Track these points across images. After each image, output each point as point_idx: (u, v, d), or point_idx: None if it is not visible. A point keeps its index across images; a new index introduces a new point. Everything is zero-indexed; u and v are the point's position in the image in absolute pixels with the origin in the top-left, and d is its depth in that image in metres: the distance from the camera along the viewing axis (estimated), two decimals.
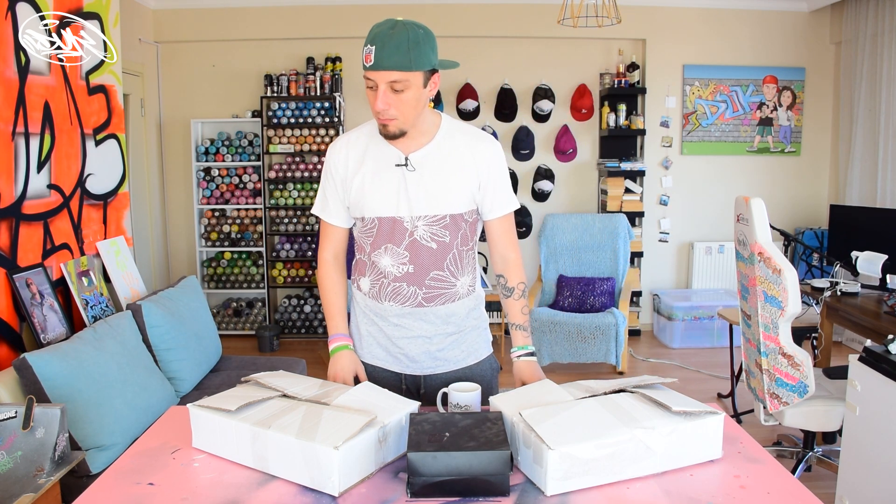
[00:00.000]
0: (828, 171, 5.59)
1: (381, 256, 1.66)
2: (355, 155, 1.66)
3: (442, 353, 1.73)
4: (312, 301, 5.43)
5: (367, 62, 1.49)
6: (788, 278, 2.49)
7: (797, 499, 1.23)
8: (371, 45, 1.48)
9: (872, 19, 4.85)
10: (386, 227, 1.63)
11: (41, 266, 2.68)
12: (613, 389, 1.46)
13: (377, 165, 1.63)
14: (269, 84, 5.19)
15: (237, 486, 1.28)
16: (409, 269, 1.64)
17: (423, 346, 1.71)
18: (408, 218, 1.62)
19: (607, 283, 4.84)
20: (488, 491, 1.23)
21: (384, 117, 1.54)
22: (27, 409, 1.80)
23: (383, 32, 1.48)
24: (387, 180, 1.62)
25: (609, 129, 5.28)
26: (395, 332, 1.71)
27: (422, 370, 1.74)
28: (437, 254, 1.65)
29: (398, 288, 1.66)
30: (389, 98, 1.51)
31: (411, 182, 1.62)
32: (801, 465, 2.92)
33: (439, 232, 1.64)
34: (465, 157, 1.65)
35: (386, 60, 1.47)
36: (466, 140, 1.67)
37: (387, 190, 1.62)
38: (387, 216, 1.63)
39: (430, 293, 1.67)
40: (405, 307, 1.67)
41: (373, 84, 1.51)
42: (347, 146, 1.68)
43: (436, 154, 1.64)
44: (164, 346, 2.86)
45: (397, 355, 1.73)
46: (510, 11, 5.26)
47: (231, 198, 5.34)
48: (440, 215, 1.63)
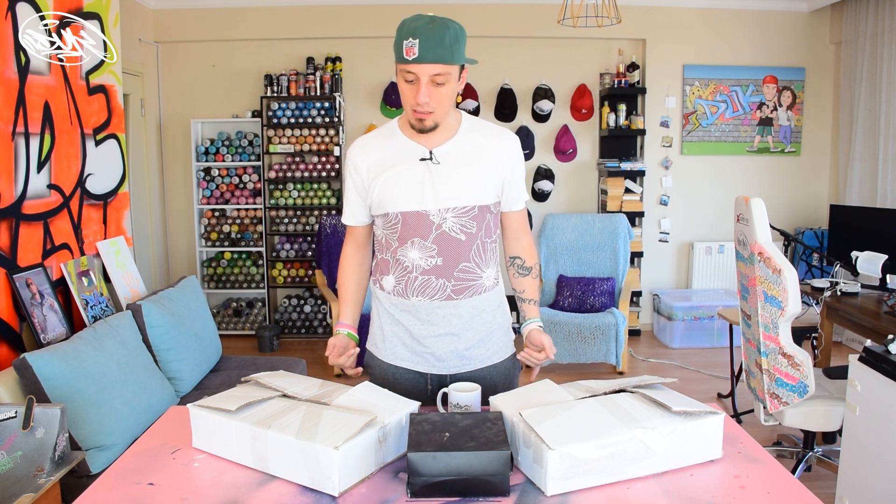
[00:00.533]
0: (828, 171, 5.59)
1: (408, 251, 1.66)
2: (376, 155, 1.68)
3: (469, 351, 1.73)
4: (312, 301, 5.43)
5: (410, 55, 1.49)
6: (788, 278, 2.49)
7: (797, 499, 1.23)
8: (413, 38, 1.48)
9: (872, 19, 4.85)
10: (411, 222, 1.64)
11: (41, 266, 2.68)
12: (613, 389, 1.46)
13: (399, 162, 1.65)
14: (269, 84, 5.19)
15: (237, 486, 1.28)
16: (438, 262, 1.65)
17: (451, 344, 1.71)
18: (434, 211, 1.63)
19: (607, 283, 4.84)
20: (488, 491, 1.23)
21: (424, 110, 1.56)
22: (27, 409, 1.80)
23: (423, 26, 1.48)
24: (411, 175, 1.64)
25: (609, 129, 5.28)
26: (422, 330, 1.70)
27: (448, 369, 1.73)
28: (465, 245, 1.66)
29: (427, 281, 1.66)
30: (431, 91, 1.53)
31: (437, 175, 1.63)
32: (801, 465, 2.92)
33: (468, 223, 1.65)
34: (489, 151, 1.68)
35: (430, 53, 1.48)
36: (488, 135, 1.70)
37: (411, 185, 1.63)
38: (411, 210, 1.64)
39: (458, 285, 1.67)
40: (434, 301, 1.67)
41: (412, 77, 1.52)
42: (366, 147, 1.70)
43: (459, 148, 1.66)
44: (164, 346, 2.86)
45: (423, 354, 1.73)
46: (510, 11, 5.26)
47: (231, 198, 5.34)
48: (469, 206, 1.65)
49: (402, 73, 1.53)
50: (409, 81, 1.54)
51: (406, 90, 1.56)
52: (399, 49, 1.51)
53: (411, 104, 1.56)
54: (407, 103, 1.57)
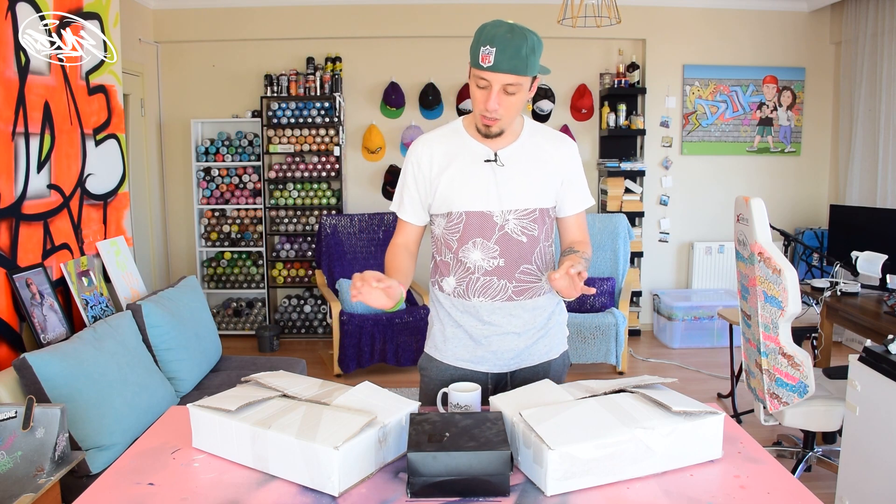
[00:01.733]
0: (828, 171, 5.59)
1: (469, 251, 1.67)
2: (441, 152, 1.69)
3: (528, 349, 1.74)
4: (312, 301, 5.43)
5: (485, 63, 1.50)
6: (788, 278, 2.49)
7: (797, 499, 1.23)
8: (490, 46, 1.49)
9: (872, 19, 4.85)
10: (474, 222, 1.65)
11: (41, 266, 2.68)
12: (613, 389, 1.46)
13: (465, 161, 1.66)
14: (269, 84, 5.19)
15: (237, 486, 1.28)
16: (500, 263, 1.66)
17: (511, 343, 1.72)
18: (498, 212, 1.65)
19: (607, 283, 4.84)
20: (488, 491, 1.23)
21: (492, 117, 1.58)
22: (27, 409, 1.80)
23: (502, 35, 1.49)
24: (476, 175, 1.65)
25: (609, 129, 5.28)
26: (484, 330, 1.71)
27: (507, 367, 1.75)
28: (526, 247, 1.67)
29: (488, 282, 1.68)
30: (501, 99, 1.55)
31: (501, 177, 1.65)
32: (801, 465, 2.92)
33: (529, 226, 1.67)
34: (550, 155, 1.70)
35: (506, 64, 1.50)
36: (549, 139, 1.73)
37: (476, 185, 1.65)
38: (476, 210, 1.65)
39: (519, 286, 1.69)
40: (496, 302, 1.68)
41: (485, 84, 1.54)
42: (431, 144, 1.71)
43: (522, 151, 1.68)
44: (164, 346, 2.86)
45: (484, 355, 1.73)
46: (510, 11, 5.26)
47: (231, 198, 5.34)
48: (530, 209, 1.67)
49: (475, 77, 1.55)
50: (481, 87, 1.55)
51: (477, 95, 1.57)
52: (475, 54, 1.52)
53: (481, 109, 1.58)
54: (476, 107, 1.59)
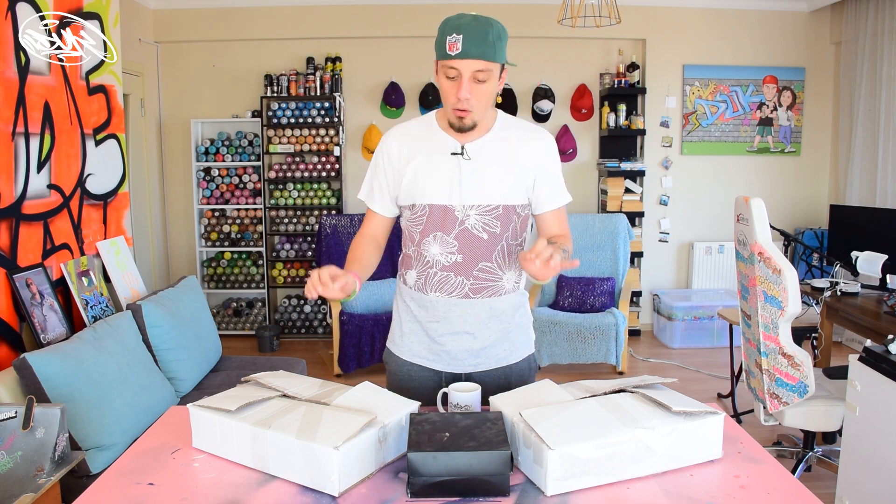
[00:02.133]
0: (828, 171, 5.59)
1: (429, 245, 1.66)
2: (409, 143, 1.68)
3: (484, 351, 1.72)
4: (312, 301, 5.43)
5: (453, 51, 1.49)
6: (788, 278, 2.49)
7: (797, 499, 1.23)
8: (456, 34, 1.48)
9: (872, 19, 4.85)
10: (437, 215, 1.64)
11: (41, 266, 2.68)
12: (613, 389, 1.46)
13: (432, 153, 1.65)
14: (269, 84, 5.19)
15: (237, 486, 1.28)
16: (458, 259, 1.65)
17: (466, 343, 1.70)
18: (459, 207, 1.63)
19: (607, 283, 4.84)
20: (488, 491, 1.23)
21: (463, 107, 1.55)
22: (27, 409, 1.80)
23: (467, 23, 1.49)
24: (441, 168, 1.64)
25: (609, 129, 5.28)
26: (438, 327, 1.69)
27: (462, 368, 1.73)
28: (486, 245, 1.65)
29: (445, 277, 1.66)
30: (472, 88, 1.53)
31: (466, 171, 1.63)
32: (801, 465, 2.92)
33: (491, 222, 1.64)
34: (521, 151, 1.67)
35: (474, 49, 1.48)
36: (522, 134, 1.69)
37: (440, 177, 1.63)
38: (438, 203, 1.63)
39: (476, 284, 1.67)
40: (451, 297, 1.67)
41: (455, 73, 1.52)
42: (401, 135, 1.70)
43: (492, 145, 1.65)
44: (164, 346, 2.86)
45: (439, 353, 1.72)
46: (510, 11, 5.26)
47: (231, 198, 5.34)
48: (493, 205, 1.64)
49: (443, 69, 1.53)
50: (450, 78, 1.53)
51: (447, 87, 1.55)
52: (442, 45, 1.51)
53: (452, 101, 1.55)
54: (447, 100, 1.57)
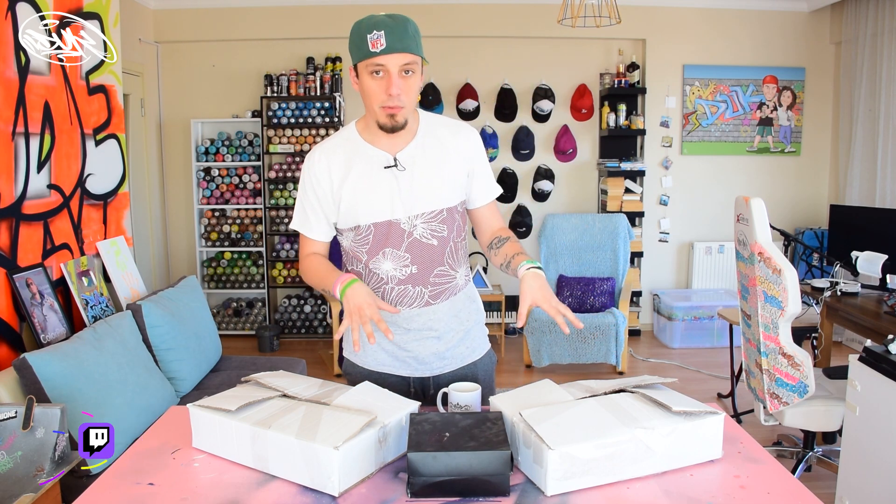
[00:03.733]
0: (828, 171, 5.59)
1: (380, 262, 1.62)
2: (338, 163, 1.61)
3: (449, 351, 1.72)
4: (312, 301, 5.43)
5: (377, 47, 1.46)
6: (788, 278, 2.49)
7: (797, 499, 1.23)
8: (377, 30, 1.46)
9: (872, 19, 4.85)
10: (382, 232, 1.60)
11: (41, 266, 2.68)
12: (613, 389, 1.46)
13: (364, 171, 1.60)
14: (269, 84, 5.19)
15: (237, 486, 1.28)
16: (413, 270, 1.62)
17: (432, 346, 1.69)
18: (405, 219, 1.60)
19: (607, 283, 4.84)
20: (488, 491, 1.23)
21: (395, 104, 1.51)
22: (27, 409, 1.80)
23: (384, 20, 1.47)
24: (378, 184, 1.59)
25: (609, 129, 5.28)
26: (404, 336, 1.67)
27: (430, 371, 1.72)
28: (437, 250, 1.63)
29: (403, 291, 1.64)
30: (401, 83, 1.50)
31: (404, 182, 1.59)
32: (801, 465, 2.92)
33: (438, 227, 1.63)
34: (450, 150, 1.65)
35: (398, 43, 1.46)
36: (447, 132, 1.66)
37: (380, 194, 1.59)
38: (383, 220, 1.60)
39: (435, 290, 1.66)
40: (413, 308, 1.65)
41: (381, 70, 1.49)
42: (328, 156, 1.62)
43: (422, 150, 1.62)
44: (164, 346, 2.86)
45: (405, 359, 1.70)
46: (510, 11, 5.26)
47: (231, 198, 5.34)
48: (437, 210, 1.62)
49: (367, 67, 1.49)
50: (376, 75, 1.50)
51: (373, 86, 1.51)
52: (362, 45, 1.47)
53: (381, 100, 1.51)
54: (375, 100, 1.52)
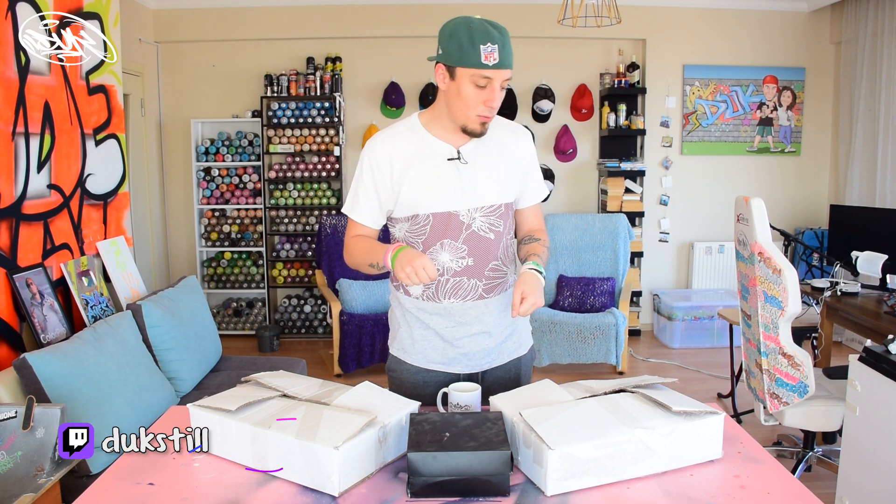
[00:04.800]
0: (828, 171, 5.59)
1: (437, 253, 1.64)
2: (401, 151, 1.64)
3: (498, 347, 1.74)
4: (312, 301, 5.43)
5: (490, 61, 1.49)
6: (788, 278, 2.49)
7: (797, 499, 1.23)
8: (492, 43, 1.49)
9: (872, 19, 4.85)
10: (441, 223, 1.63)
11: (41, 266, 2.68)
12: (613, 389, 1.46)
13: (427, 161, 1.63)
14: (269, 84, 5.18)
15: (237, 486, 1.28)
16: (469, 262, 1.65)
17: (483, 342, 1.71)
18: (464, 211, 1.63)
19: (607, 283, 4.84)
20: (488, 491, 1.23)
21: (490, 115, 1.58)
22: (27, 409, 1.80)
23: (494, 34, 1.50)
24: (440, 175, 1.63)
25: (609, 129, 5.28)
26: (455, 332, 1.69)
27: (480, 367, 1.74)
28: (493, 244, 1.67)
29: (458, 283, 1.66)
30: (499, 96, 1.56)
31: (465, 175, 1.63)
32: (801, 465, 2.92)
33: (495, 222, 1.66)
34: (509, 148, 1.70)
35: (508, 59, 1.52)
36: (505, 132, 1.71)
37: (441, 185, 1.62)
38: (442, 211, 1.63)
39: (489, 284, 1.68)
40: (467, 301, 1.67)
41: (485, 83, 1.52)
42: (391, 143, 1.64)
43: (483, 146, 1.66)
44: (164, 346, 2.86)
45: (455, 356, 1.72)
46: (510, 11, 5.26)
47: (231, 198, 5.34)
48: (496, 205, 1.66)
49: (473, 77, 1.51)
50: (480, 86, 1.53)
51: (473, 94, 1.53)
52: (472, 53, 1.49)
53: (478, 109, 1.55)
54: (471, 107, 1.55)
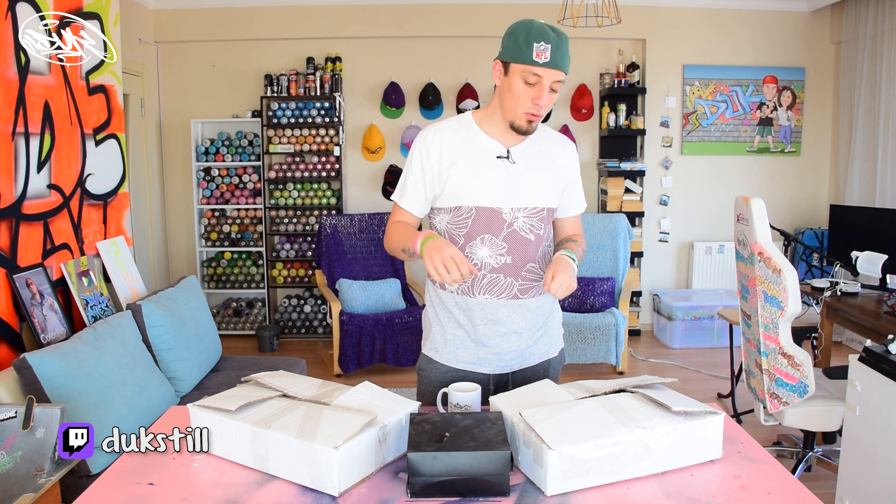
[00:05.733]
0: (828, 171, 5.59)
1: (477, 247, 1.66)
2: (452, 144, 1.67)
3: (529, 348, 1.74)
4: (312, 301, 5.43)
5: (541, 59, 1.52)
6: (788, 278, 2.49)
7: (797, 499, 1.23)
8: (546, 42, 1.51)
9: (872, 19, 4.85)
10: (483, 217, 1.64)
11: (41, 266, 2.68)
12: (613, 389, 1.46)
13: (476, 156, 1.65)
14: (269, 84, 5.19)
15: (237, 486, 1.28)
16: (507, 261, 1.66)
17: (514, 343, 1.71)
18: (507, 209, 1.65)
19: (607, 283, 4.84)
20: (488, 491, 1.23)
21: (538, 113, 1.59)
22: (27, 409, 1.80)
23: (550, 33, 1.52)
24: (488, 171, 1.65)
25: (609, 129, 5.28)
26: (486, 329, 1.69)
27: (510, 367, 1.75)
28: (533, 246, 1.68)
29: (495, 279, 1.67)
30: (548, 96, 1.57)
31: (513, 174, 1.65)
32: (801, 465, 2.92)
33: (537, 224, 1.68)
34: (556, 157, 1.73)
35: (560, 61, 1.54)
36: (553, 141, 1.75)
37: (488, 180, 1.64)
38: (486, 206, 1.64)
39: (525, 285, 1.69)
40: (501, 299, 1.68)
41: (536, 80, 1.54)
42: (444, 134, 1.68)
43: (532, 150, 1.69)
44: (164, 346, 2.86)
45: (486, 356, 1.72)
46: (510, 11, 5.25)
47: (231, 198, 5.34)
48: (539, 208, 1.68)
49: (524, 74, 1.54)
50: (529, 84, 1.55)
51: (523, 91, 1.56)
52: (525, 50, 1.52)
53: (527, 106, 1.57)
54: (520, 104, 1.58)
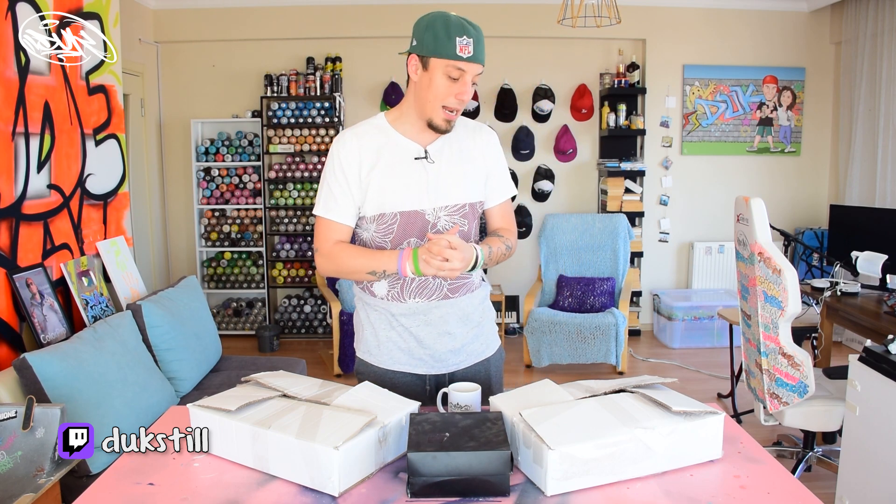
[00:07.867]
0: (828, 171, 5.59)
1: None
2: (369, 149, 1.63)
3: (464, 348, 1.73)
4: (312, 301, 5.43)
5: (465, 53, 1.51)
6: (788, 278, 2.49)
7: (797, 499, 1.23)
8: (468, 37, 1.50)
9: (872, 19, 4.85)
10: (407, 221, 1.62)
11: (41, 266, 2.68)
12: (613, 389, 1.46)
13: (394, 159, 1.62)
14: (269, 84, 5.19)
15: (237, 486, 1.28)
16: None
17: (448, 343, 1.70)
18: (430, 210, 1.63)
19: (607, 283, 4.84)
20: (488, 491, 1.23)
21: (458, 108, 1.58)
22: (27, 409, 1.80)
23: (470, 28, 1.52)
24: (408, 174, 1.62)
25: (609, 129, 5.28)
26: (419, 331, 1.68)
27: (446, 368, 1.73)
28: None
29: (424, 282, 1.65)
30: (469, 90, 1.56)
31: (432, 174, 1.63)
32: (801, 465, 2.92)
33: (460, 221, 1.66)
34: (472, 149, 1.69)
35: (481, 54, 1.53)
36: (469, 131, 1.72)
37: (408, 183, 1.62)
38: (409, 210, 1.62)
39: (454, 284, 1.68)
40: (432, 301, 1.66)
41: (459, 75, 1.53)
42: (359, 140, 1.63)
43: (448, 146, 1.66)
44: (164, 346, 2.86)
45: (422, 357, 1.71)
46: (510, 11, 5.26)
47: (231, 198, 5.34)
48: (460, 204, 1.66)
49: (447, 68, 1.52)
50: (453, 78, 1.53)
51: (444, 87, 1.54)
52: (447, 45, 1.50)
53: (451, 102, 1.56)
54: (441, 99, 1.55)
